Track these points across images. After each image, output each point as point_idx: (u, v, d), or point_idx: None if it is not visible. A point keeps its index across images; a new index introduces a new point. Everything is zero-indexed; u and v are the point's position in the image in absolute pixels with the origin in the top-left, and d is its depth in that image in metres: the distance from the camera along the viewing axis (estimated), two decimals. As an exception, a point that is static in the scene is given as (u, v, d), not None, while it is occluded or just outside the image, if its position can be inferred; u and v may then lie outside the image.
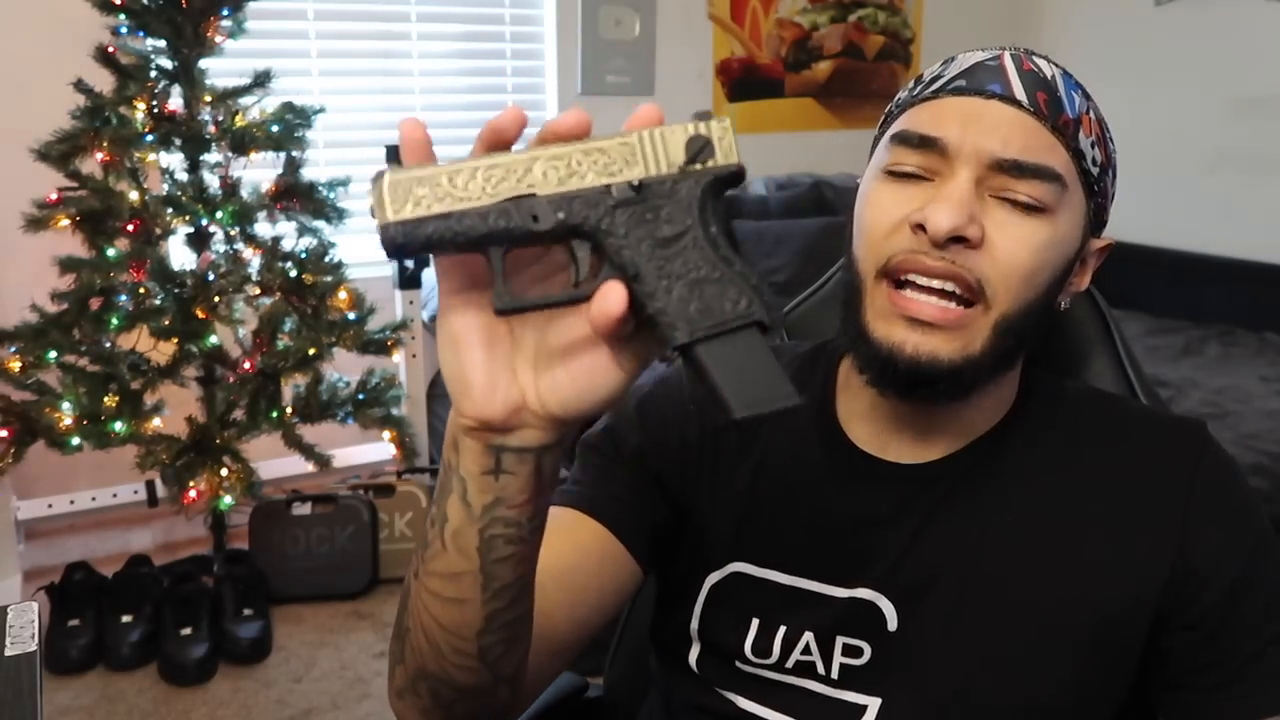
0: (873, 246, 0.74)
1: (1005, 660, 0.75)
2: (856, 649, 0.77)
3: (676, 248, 0.48)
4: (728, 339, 0.48)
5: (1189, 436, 0.78)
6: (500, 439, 0.55)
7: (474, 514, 0.57)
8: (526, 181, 0.47)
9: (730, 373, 0.47)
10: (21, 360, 2.18)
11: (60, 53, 2.21)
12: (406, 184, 0.48)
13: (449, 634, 0.62)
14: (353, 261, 2.47)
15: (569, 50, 3.38)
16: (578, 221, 0.48)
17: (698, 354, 0.48)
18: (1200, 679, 0.74)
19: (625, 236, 0.48)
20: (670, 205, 0.48)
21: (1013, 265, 0.71)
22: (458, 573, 0.59)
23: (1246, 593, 0.73)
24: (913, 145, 0.74)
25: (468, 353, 0.53)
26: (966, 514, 0.78)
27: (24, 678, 0.79)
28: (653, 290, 0.48)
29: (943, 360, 0.71)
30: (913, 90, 0.78)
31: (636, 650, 1.03)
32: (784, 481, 0.82)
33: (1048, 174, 0.72)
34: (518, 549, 0.59)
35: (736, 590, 0.81)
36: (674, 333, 0.48)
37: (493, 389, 0.53)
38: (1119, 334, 0.98)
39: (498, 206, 0.47)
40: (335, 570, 2.54)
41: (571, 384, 0.53)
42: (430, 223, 0.47)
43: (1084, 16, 3.94)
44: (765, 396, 0.47)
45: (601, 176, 0.48)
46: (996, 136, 0.72)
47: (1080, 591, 0.75)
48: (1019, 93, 0.73)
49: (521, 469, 0.56)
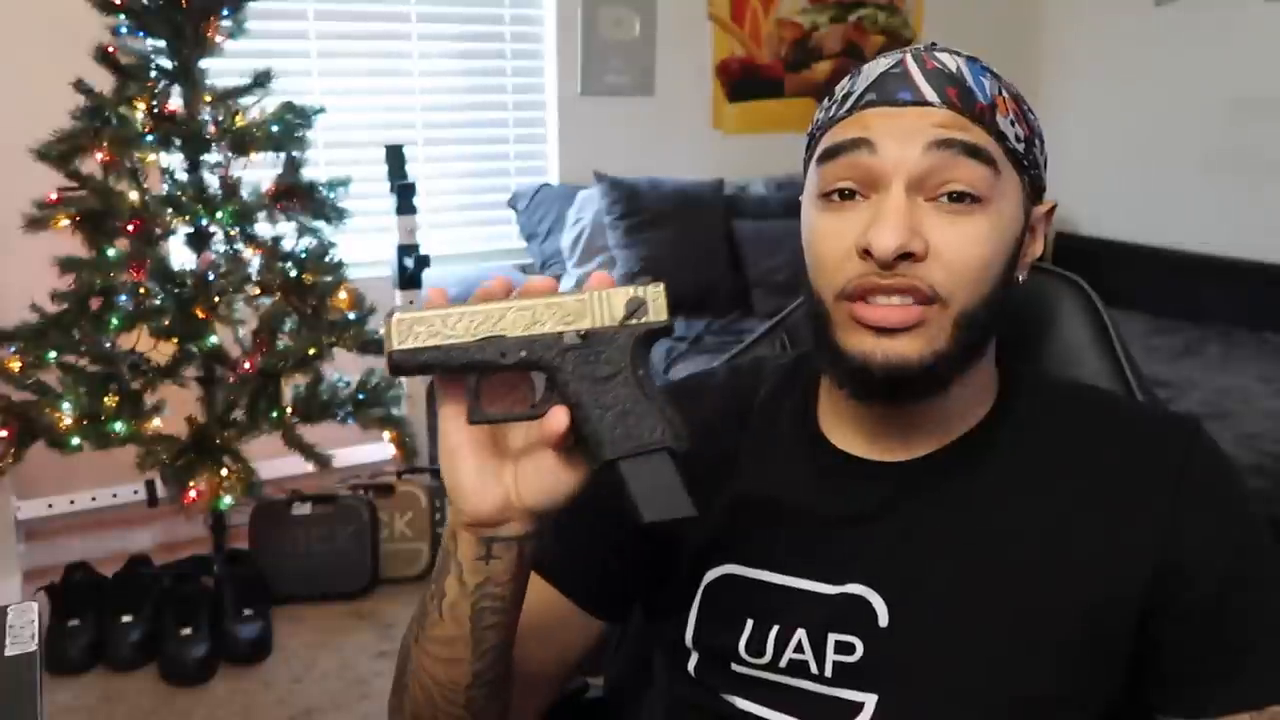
0: (827, 277, 0.75)
1: (997, 654, 0.75)
2: (849, 645, 0.77)
3: (610, 385, 0.62)
4: (643, 459, 0.62)
5: (1178, 432, 0.79)
6: (491, 531, 0.69)
7: (467, 590, 0.70)
8: (500, 326, 0.62)
9: (643, 485, 0.62)
10: (21, 360, 2.18)
11: (60, 53, 2.21)
12: (409, 323, 0.62)
13: (443, 688, 0.75)
14: (353, 261, 2.47)
15: (569, 50, 3.38)
16: (535, 359, 0.63)
17: (619, 468, 0.62)
18: (1192, 671, 0.74)
19: (571, 373, 0.62)
20: (609, 350, 0.63)
21: (962, 266, 0.72)
22: (452, 637, 0.72)
23: (1236, 586, 0.74)
24: (844, 154, 0.74)
25: (462, 463, 0.67)
26: (953, 509, 0.78)
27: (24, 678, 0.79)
28: (588, 416, 0.62)
29: (912, 359, 0.73)
30: (827, 110, 0.79)
31: (636, 650, 1.03)
32: (770, 487, 0.83)
33: (981, 153, 0.72)
34: (502, 617, 0.72)
35: (729, 592, 0.82)
36: (601, 451, 0.62)
37: (483, 492, 0.67)
38: (1116, 334, 0.98)
39: (476, 343, 0.62)
40: (335, 570, 2.55)
41: (539, 484, 0.67)
42: (425, 352, 0.62)
43: (1084, 16, 3.94)
44: (669, 506, 0.62)
45: (558, 325, 0.63)
46: (918, 134, 0.72)
47: (1069, 585, 0.75)
48: (929, 94, 0.73)
49: (508, 554, 0.69)
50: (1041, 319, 0.99)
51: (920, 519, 0.79)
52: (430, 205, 3.18)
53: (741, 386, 0.89)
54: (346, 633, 2.42)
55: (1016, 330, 0.81)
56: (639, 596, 0.90)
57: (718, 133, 3.69)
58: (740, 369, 0.93)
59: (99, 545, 2.71)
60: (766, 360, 0.94)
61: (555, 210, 3.31)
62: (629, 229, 3.16)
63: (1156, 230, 3.71)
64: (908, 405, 0.78)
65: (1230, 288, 3.45)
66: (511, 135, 3.45)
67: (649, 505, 0.62)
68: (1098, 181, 3.67)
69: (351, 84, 3.14)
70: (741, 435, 0.86)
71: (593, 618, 0.88)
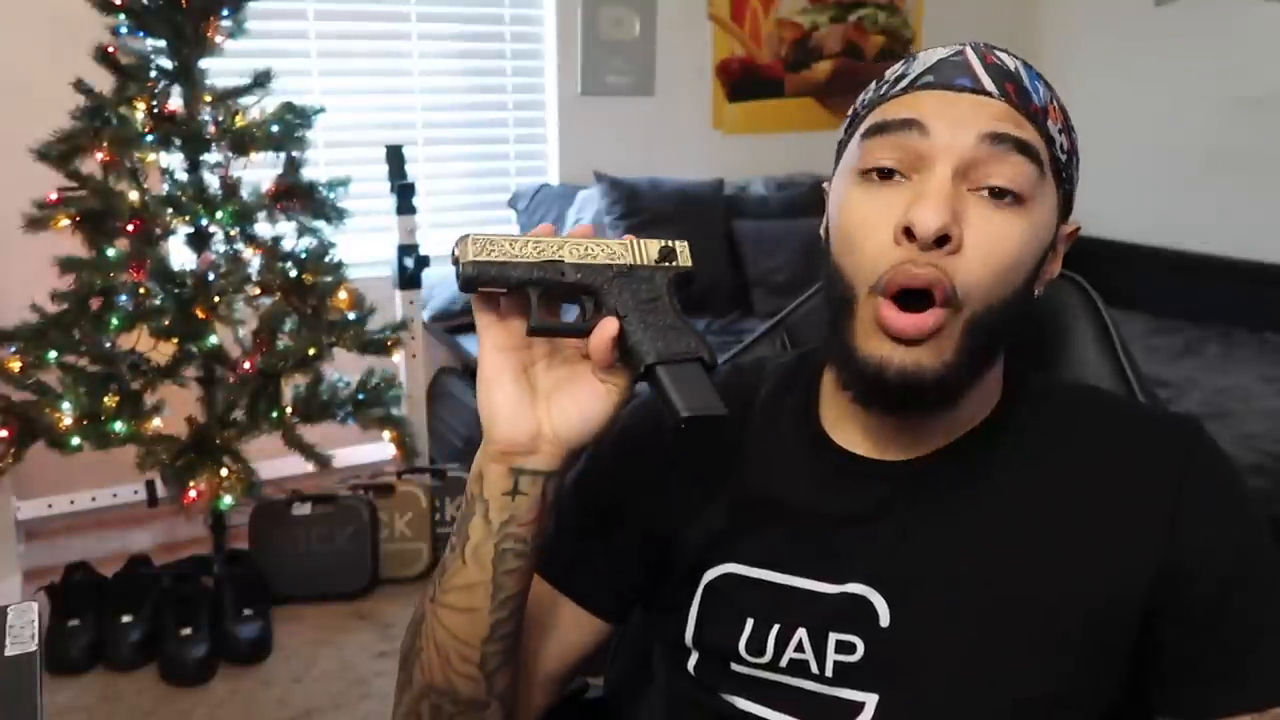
0: (864, 261, 0.73)
1: (998, 654, 0.75)
2: (849, 645, 0.77)
3: (651, 306, 0.70)
4: (681, 366, 0.69)
5: (1180, 433, 0.78)
6: (520, 461, 0.71)
7: (493, 529, 0.72)
8: (559, 254, 0.70)
9: (680, 387, 0.67)
10: (21, 360, 2.18)
11: (60, 53, 2.21)
12: (482, 241, 0.69)
13: (459, 642, 0.75)
14: (353, 261, 2.47)
15: (569, 50, 3.38)
16: (589, 281, 0.70)
17: (658, 373, 0.68)
18: (1193, 672, 0.74)
19: (619, 295, 0.70)
20: (649, 283, 0.71)
21: (993, 262, 0.71)
22: (473, 583, 0.74)
23: (1238, 587, 0.74)
24: (890, 133, 0.73)
25: (499, 388, 0.70)
26: (955, 509, 0.78)
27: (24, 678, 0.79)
28: (633, 328, 0.69)
29: (926, 369, 0.72)
30: (878, 90, 0.78)
31: (637, 650, 1.03)
32: (771, 484, 0.83)
33: (1032, 151, 0.72)
34: (523, 563, 0.73)
35: (730, 591, 0.82)
36: (646, 356, 0.69)
37: (517, 417, 0.70)
38: (1117, 334, 0.98)
39: (539, 264, 0.69)
40: (335, 570, 2.55)
41: (574, 409, 0.70)
42: (495, 266, 0.68)
43: (1084, 16, 3.94)
44: (703, 405, 0.67)
45: (606, 259, 0.71)
46: (973, 123, 0.72)
47: (1070, 585, 0.75)
48: (989, 85, 0.73)
49: (534, 490, 0.71)
50: (1043, 319, 0.99)
51: (922, 519, 0.78)
52: (430, 205, 3.19)
53: (742, 385, 0.89)
54: (346, 633, 2.42)
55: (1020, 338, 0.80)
56: (638, 596, 0.90)
57: (718, 133, 3.69)
58: (741, 367, 0.93)
59: (99, 545, 2.71)
60: (768, 359, 0.94)
61: (555, 210, 3.30)
62: (629, 229, 3.15)
63: (1156, 230, 3.71)
64: (913, 415, 0.77)
65: (1230, 288, 3.45)
66: (511, 135, 3.46)
67: (686, 403, 0.66)
68: (1098, 181, 3.66)
69: (351, 84, 3.14)
70: (743, 434, 0.86)
71: (593, 617, 0.88)
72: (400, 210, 2.82)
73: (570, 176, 3.41)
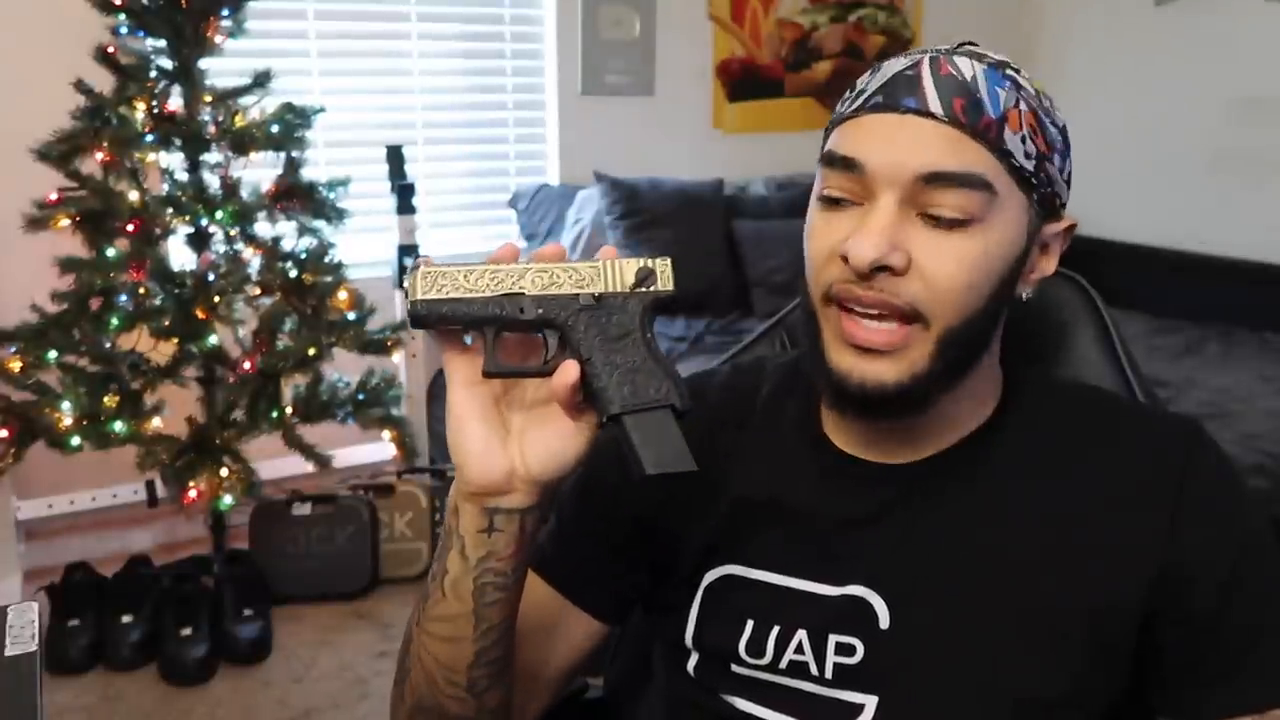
0: (814, 276, 0.76)
1: (998, 656, 0.75)
2: (849, 647, 0.77)
3: (620, 344, 0.65)
4: (647, 414, 0.64)
5: (1181, 434, 0.79)
6: (494, 501, 0.69)
7: (470, 565, 0.71)
8: (520, 285, 0.65)
9: (646, 439, 0.63)
10: (21, 360, 2.18)
11: (60, 53, 2.21)
12: (433, 275, 0.64)
13: (444, 668, 0.75)
14: (353, 261, 2.47)
15: (569, 50, 3.38)
16: (551, 316, 0.65)
17: (624, 422, 0.64)
18: (1194, 673, 0.74)
19: (584, 332, 0.65)
20: (619, 314, 0.65)
21: (944, 284, 0.72)
22: (455, 615, 0.72)
23: (1239, 588, 0.74)
24: (836, 168, 0.74)
25: (468, 427, 0.68)
26: (955, 511, 0.78)
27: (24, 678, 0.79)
28: (597, 373, 0.64)
29: (889, 383, 0.73)
30: (844, 103, 0.78)
31: (637, 651, 1.03)
32: (772, 486, 0.83)
33: (974, 181, 0.71)
34: (504, 594, 0.72)
35: (730, 592, 0.82)
36: (609, 405, 0.64)
37: (488, 458, 0.68)
38: (1117, 333, 0.98)
39: (496, 299, 0.64)
40: (335, 570, 2.55)
41: (545, 447, 0.68)
42: (446, 304, 0.64)
43: (1084, 16, 3.94)
44: (670, 460, 0.63)
45: (573, 287, 0.65)
46: (914, 154, 0.71)
47: (1070, 587, 0.75)
48: (934, 104, 0.72)
49: (510, 527, 0.70)
50: (1043, 319, 0.99)
51: (922, 521, 0.78)
52: (430, 205, 3.18)
53: (743, 386, 0.89)
54: (346, 633, 2.42)
55: (1018, 331, 0.80)
56: (639, 598, 0.90)
57: (718, 133, 3.69)
58: (741, 368, 0.93)
59: (99, 545, 2.71)
60: (767, 358, 0.94)
61: (555, 210, 3.30)
62: (629, 229, 3.15)
63: (1156, 230, 3.71)
64: (883, 422, 0.78)
65: (1230, 288, 3.45)
66: (511, 135, 3.45)
67: (651, 458, 0.63)
68: (1098, 181, 3.66)
69: (351, 84, 3.14)
70: (743, 435, 0.86)
71: (592, 619, 0.88)
72: (400, 210, 2.82)
73: (570, 176, 3.41)
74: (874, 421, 0.78)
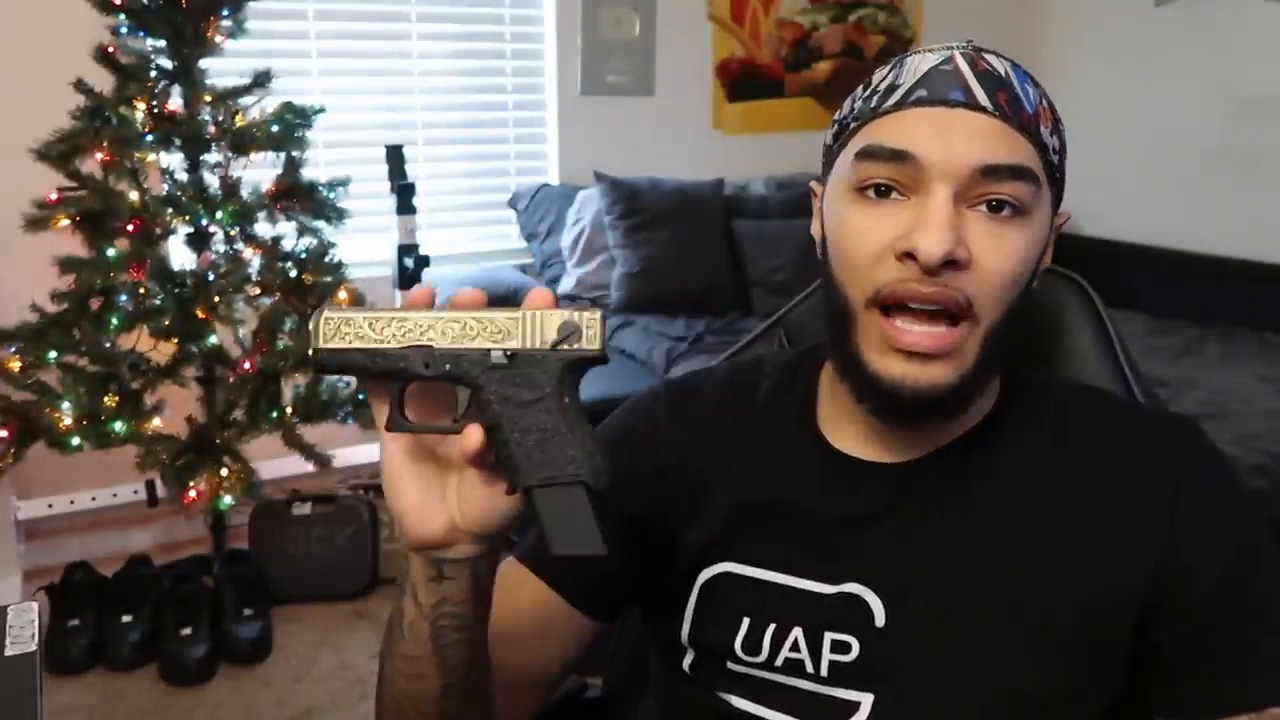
0: (859, 276, 0.73)
1: (994, 654, 0.75)
2: (845, 645, 0.77)
3: (531, 409, 0.60)
4: (558, 490, 0.60)
5: (1178, 433, 0.79)
6: (440, 553, 0.67)
7: (424, 611, 0.68)
8: (428, 336, 0.60)
9: (555, 516, 0.60)
10: (21, 360, 2.18)
11: (60, 53, 2.21)
12: (336, 323, 0.61)
13: (414, 701, 0.73)
14: (353, 261, 2.47)
15: (569, 50, 3.38)
16: (460, 373, 0.61)
17: (533, 496, 0.60)
18: (1191, 672, 0.74)
19: (494, 393, 0.60)
20: (535, 373, 0.60)
21: (999, 279, 0.72)
22: (415, 655, 0.70)
23: (1236, 587, 0.74)
24: (884, 160, 0.72)
25: (402, 486, 0.65)
26: (952, 510, 0.78)
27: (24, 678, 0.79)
28: (506, 439, 0.60)
29: (943, 385, 0.72)
30: (868, 101, 0.76)
31: (636, 650, 1.03)
32: (768, 485, 0.83)
33: (1024, 173, 0.71)
34: (464, 634, 0.70)
35: (726, 589, 0.82)
36: (516, 476, 0.60)
37: (426, 513, 0.65)
38: (1116, 334, 0.98)
39: (401, 351, 0.60)
40: (335, 570, 2.55)
41: (478, 501, 0.64)
42: (350, 354, 0.61)
43: (1084, 16, 3.94)
44: (578, 542, 0.60)
45: (487, 341, 0.60)
46: (971, 147, 0.71)
47: (1067, 585, 0.75)
48: (982, 98, 0.72)
49: (460, 574, 0.67)
50: (1042, 319, 0.99)
51: (919, 520, 0.78)
52: (430, 205, 3.18)
53: (741, 383, 0.89)
54: (346, 633, 2.42)
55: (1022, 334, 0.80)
56: (633, 596, 0.90)
57: (718, 133, 3.69)
58: (740, 366, 0.93)
59: (99, 545, 2.71)
60: (766, 356, 0.94)
61: (555, 210, 3.31)
62: (629, 229, 3.15)
63: (1156, 230, 3.71)
64: (925, 425, 0.77)
65: (1230, 288, 3.45)
66: (511, 135, 3.45)
67: (558, 538, 0.60)
68: (1097, 181, 3.67)
69: (351, 84, 3.14)
70: (741, 433, 0.86)
71: (585, 617, 0.87)
72: (400, 210, 2.81)
73: (570, 176, 3.41)
74: (917, 425, 0.77)
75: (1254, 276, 3.42)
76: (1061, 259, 0.82)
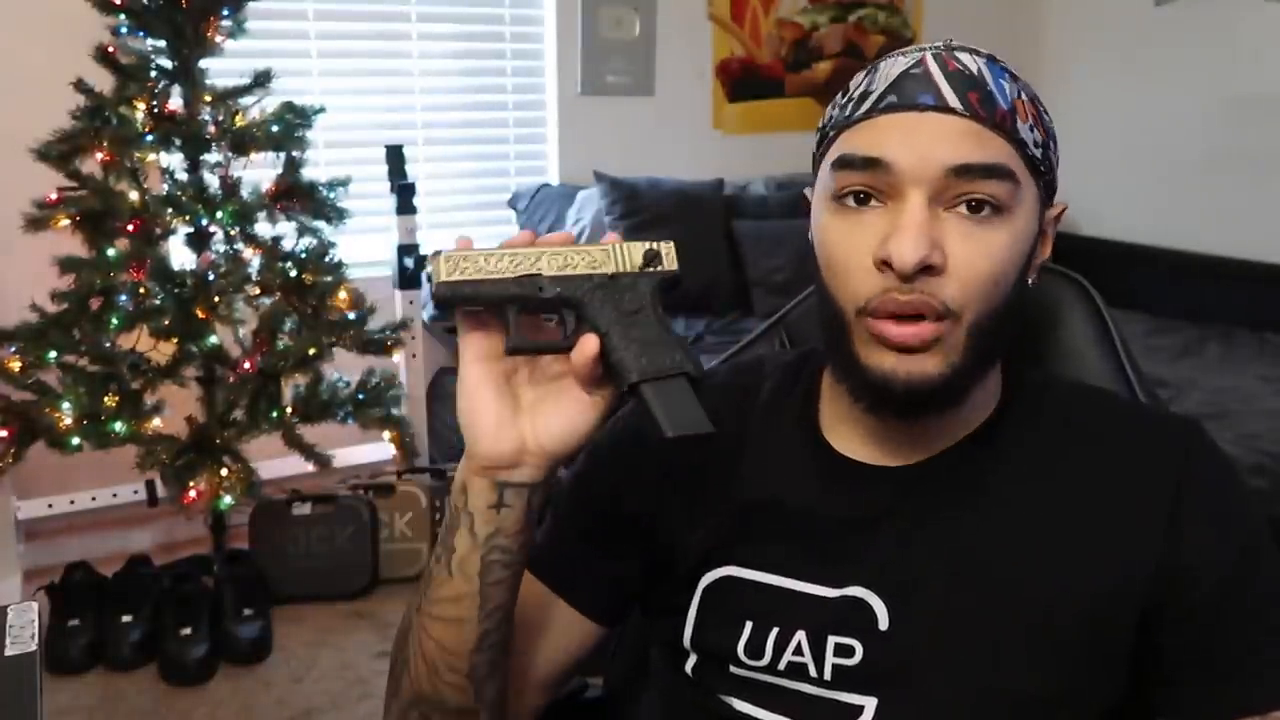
0: (847, 290, 0.74)
1: (997, 657, 0.75)
2: (848, 649, 0.77)
3: (634, 319, 0.68)
4: (665, 382, 0.67)
5: (1179, 434, 0.78)
6: (505, 475, 0.70)
7: (478, 542, 0.72)
8: (536, 266, 0.67)
9: (665, 405, 0.66)
10: (21, 360, 2.18)
11: (60, 53, 2.21)
12: (456, 259, 0.67)
13: (446, 654, 0.75)
14: (353, 261, 2.47)
15: (569, 50, 3.38)
16: (569, 294, 0.68)
17: (642, 391, 0.66)
18: (1193, 674, 0.74)
19: (600, 308, 0.68)
20: (631, 292, 0.69)
21: (979, 279, 0.71)
22: (460, 595, 0.73)
23: (1238, 588, 0.74)
24: (858, 168, 0.73)
25: (482, 401, 0.69)
26: (954, 513, 0.78)
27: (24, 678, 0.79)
28: (615, 345, 0.67)
29: (933, 375, 0.72)
30: (844, 109, 0.77)
31: (636, 651, 1.03)
32: (771, 487, 0.83)
33: (1000, 171, 0.71)
34: (509, 573, 0.73)
35: (728, 593, 0.82)
36: (628, 375, 0.67)
37: (500, 432, 0.69)
38: (1118, 334, 0.98)
39: (516, 279, 0.67)
40: (335, 570, 2.55)
41: (558, 422, 0.69)
42: (469, 285, 0.67)
43: (1084, 16, 3.94)
44: (689, 423, 0.66)
45: (587, 268, 0.68)
46: (942, 149, 0.71)
47: (1069, 587, 0.75)
48: (951, 99, 0.72)
49: (518, 502, 0.71)
50: (1044, 318, 0.99)
51: (921, 523, 0.78)
52: (430, 205, 3.18)
53: (742, 385, 0.89)
54: (346, 633, 2.42)
55: (1019, 330, 0.80)
56: (634, 599, 0.90)
57: (718, 133, 3.69)
58: (741, 367, 0.93)
59: (99, 545, 2.71)
60: (767, 356, 0.93)
61: (555, 210, 3.30)
62: (629, 229, 3.15)
63: (1156, 230, 3.71)
64: (921, 419, 0.77)
65: (1230, 288, 3.45)
66: (511, 135, 3.45)
67: (671, 422, 0.65)
68: (1098, 181, 3.67)
69: (351, 84, 3.14)
70: (742, 436, 0.85)
71: (586, 619, 0.87)
72: (400, 210, 2.82)
73: (570, 176, 3.41)
74: (913, 419, 0.77)
75: (1254, 276, 3.42)
76: (1061, 259, 0.82)
